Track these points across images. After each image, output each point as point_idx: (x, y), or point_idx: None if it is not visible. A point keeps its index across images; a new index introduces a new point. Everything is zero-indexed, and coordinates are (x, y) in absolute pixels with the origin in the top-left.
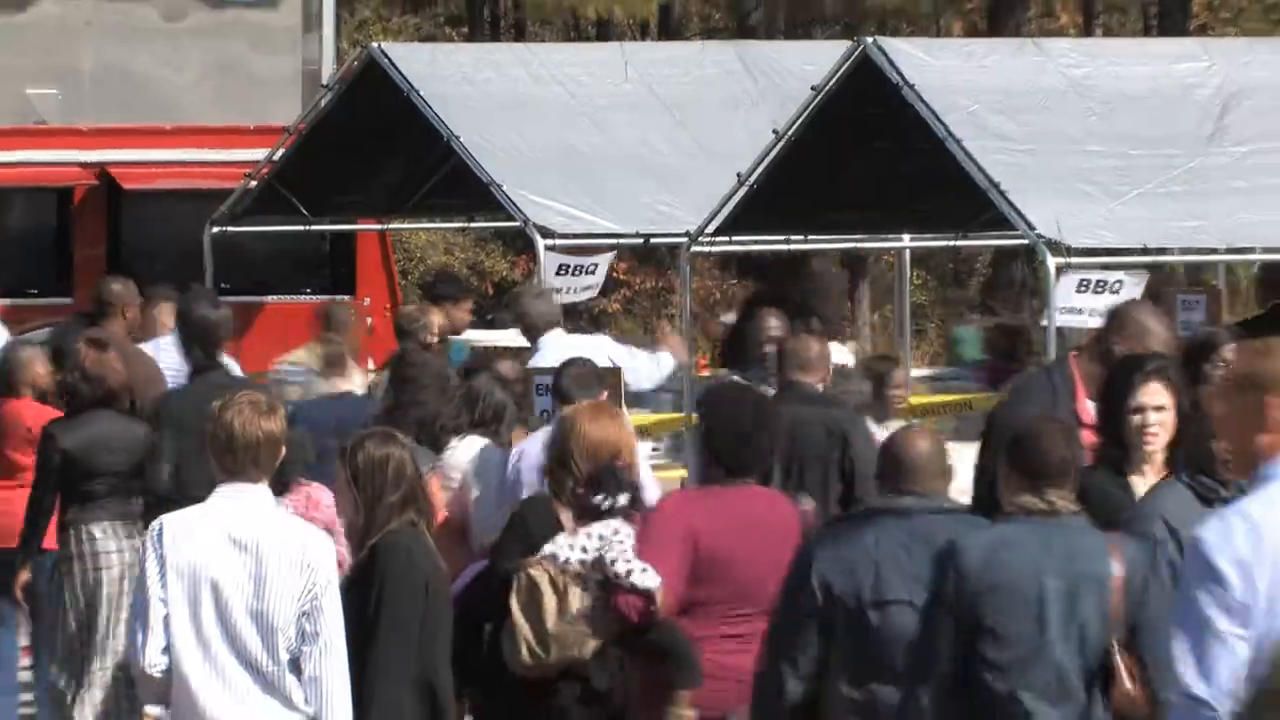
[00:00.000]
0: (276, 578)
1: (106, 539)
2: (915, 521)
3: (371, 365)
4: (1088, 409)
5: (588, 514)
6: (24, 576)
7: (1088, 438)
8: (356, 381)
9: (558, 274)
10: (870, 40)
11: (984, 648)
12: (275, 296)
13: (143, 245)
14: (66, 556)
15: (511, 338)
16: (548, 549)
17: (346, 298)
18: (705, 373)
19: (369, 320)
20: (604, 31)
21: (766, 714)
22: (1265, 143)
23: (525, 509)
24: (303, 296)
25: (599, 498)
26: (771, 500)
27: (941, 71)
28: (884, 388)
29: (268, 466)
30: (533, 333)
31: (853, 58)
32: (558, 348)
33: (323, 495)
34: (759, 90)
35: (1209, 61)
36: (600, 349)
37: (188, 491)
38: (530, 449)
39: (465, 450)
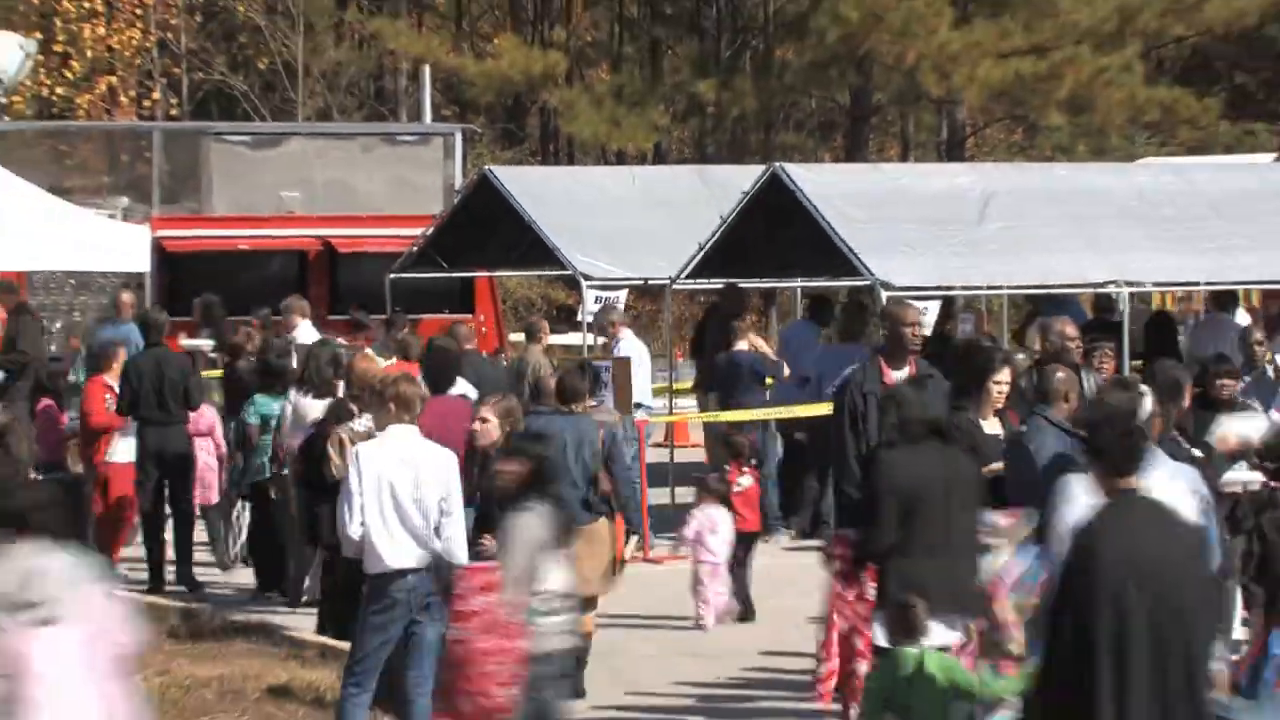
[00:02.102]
0: (428, 480)
1: None
2: (542, 418)
3: None
4: (891, 377)
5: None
6: None
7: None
8: None
9: (595, 302)
10: (778, 164)
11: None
12: (428, 315)
13: (349, 286)
14: None
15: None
16: (351, 424)
17: (469, 316)
18: (680, 359)
19: (482, 328)
20: (620, 158)
21: None
22: (1008, 223)
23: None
24: (443, 315)
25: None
26: (460, 401)
27: (819, 184)
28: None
29: (415, 413)
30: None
31: (767, 174)
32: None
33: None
34: (711, 194)
35: (976, 176)
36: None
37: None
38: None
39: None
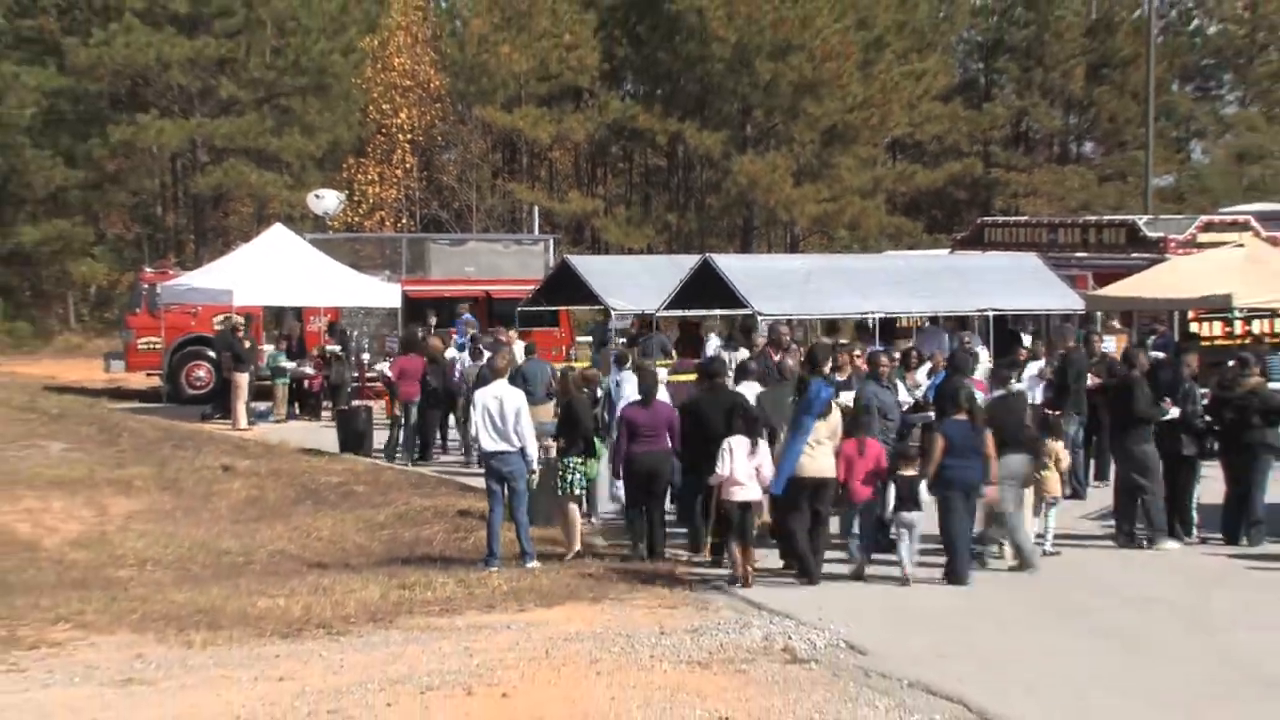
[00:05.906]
0: (508, 406)
1: None
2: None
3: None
4: (774, 359)
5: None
6: None
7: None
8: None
9: (616, 321)
10: (708, 255)
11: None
12: (536, 328)
13: (498, 314)
14: None
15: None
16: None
17: (555, 328)
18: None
19: (562, 335)
20: (631, 251)
21: None
22: (820, 285)
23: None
24: (543, 328)
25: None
26: (419, 358)
27: (729, 265)
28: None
29: (507, 375)
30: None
31: (701, 260)
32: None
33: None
34: (675, 268)
35: (804, 261)
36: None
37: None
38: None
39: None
